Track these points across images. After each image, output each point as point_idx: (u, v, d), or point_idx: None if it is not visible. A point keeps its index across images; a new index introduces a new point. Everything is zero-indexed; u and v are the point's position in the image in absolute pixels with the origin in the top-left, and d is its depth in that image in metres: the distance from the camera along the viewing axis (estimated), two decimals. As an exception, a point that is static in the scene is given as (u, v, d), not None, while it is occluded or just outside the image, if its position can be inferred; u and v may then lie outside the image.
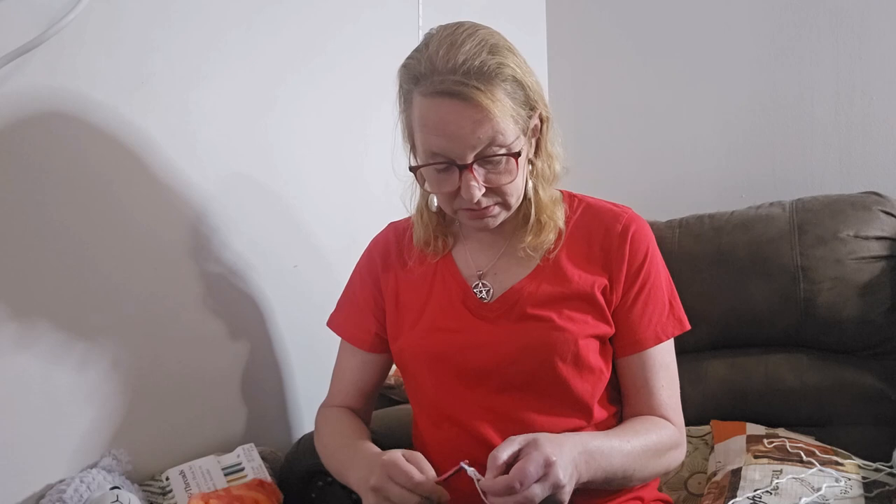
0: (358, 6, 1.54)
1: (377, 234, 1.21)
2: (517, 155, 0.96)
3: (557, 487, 0.84)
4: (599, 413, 1.05)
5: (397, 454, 0.91)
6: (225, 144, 1.30)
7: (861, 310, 1.31)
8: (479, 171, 0.96)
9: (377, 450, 1.00)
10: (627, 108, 1.94)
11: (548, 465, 0.84)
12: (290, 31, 1.41)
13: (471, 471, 0.87)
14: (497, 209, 1.01)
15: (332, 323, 1.21)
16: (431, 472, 0.90)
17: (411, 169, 1.02)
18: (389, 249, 1.16)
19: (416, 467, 0.90)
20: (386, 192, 1.55)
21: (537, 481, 0.83)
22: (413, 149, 1.03)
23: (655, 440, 1.01)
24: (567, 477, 0.86)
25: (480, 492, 0.84)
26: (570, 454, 0.89)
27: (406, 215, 1.18)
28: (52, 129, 1.06)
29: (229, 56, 1.30)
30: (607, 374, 1.06)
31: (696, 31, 1.83)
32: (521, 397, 1.01)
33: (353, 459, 1.01)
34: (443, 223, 1.12)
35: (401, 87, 1.00)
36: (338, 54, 1.50)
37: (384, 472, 0.89)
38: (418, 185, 1.07)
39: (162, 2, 1.19)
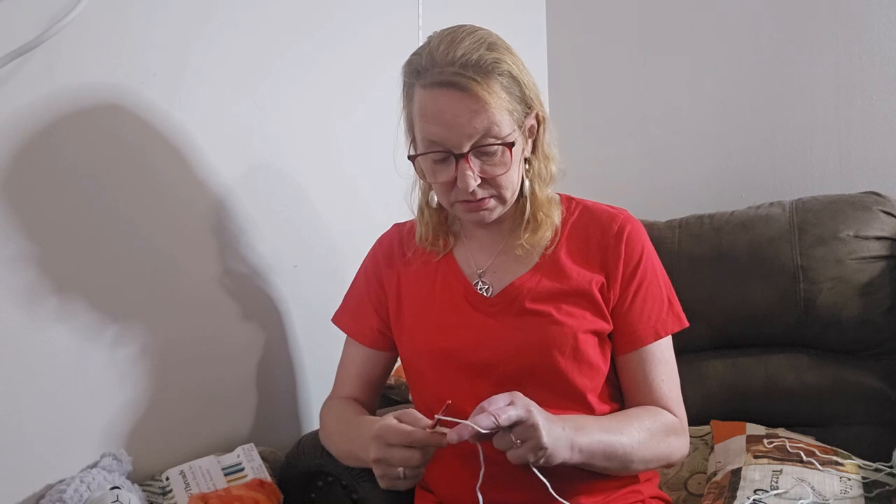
0: (358, 7, 1.54)
1: (382, 234, 1.23)
2: (511, 145, 0.99)
3: (528, 411, 0.87)
4: (600, 408, 1.06)
5: (388, 418, 0.92)
6: (225, 144, 1.30)
7: (861, 310, 1.31)
8: (474, 162, 0.99)
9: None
10: (627, 108, 1.94)
11: (516, 397, 0.89)
12: (293, 32, 1.41)
13: (440, 421, 0.87)
14: (492, 202, 1.03)
15: (337, 319, 1.23)
16: (426, 422, 0.90)
17: (410, 157, 1.05)
18: (393, 249, 1.19)
19: (410, 422, 0.90)
20: (385, 191, 1.55)
21: (511, 409, 0.86)
22: (413, 142, 1.06)
23: (651, 421, 1.03)
24: (543, 421, 0.87)
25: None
26: (556, 421, 0.91)
27: (409, 217, 1.19)
28: (52, 129, 1.06)
29: (229, 57, 1.29)
30: (605, 370, 1.08)
31: (695, 31, 1.82)
32: (521, 391, 1.02)
33: (360, 435, 1.01)
34: (444, 222, 1.15)
35: (403, 83, 1.03)
36: (337, 54, 1.50)
37: (380, 440, 0.90)
38: (419, 184, 1.11)
39: (162, 1, 1.19)
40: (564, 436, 0.91)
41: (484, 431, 0.84)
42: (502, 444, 0.87)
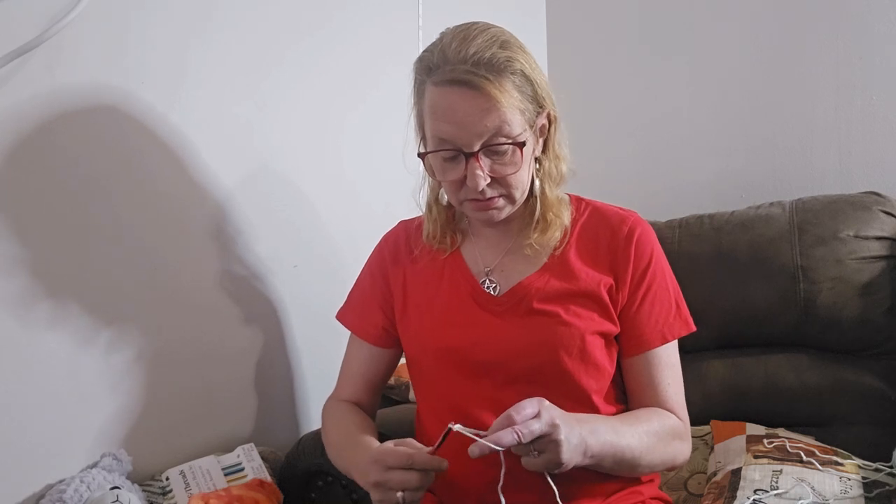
0: (358, 7, 1.54)
1: (388, 231, 1.22)
2: (522, 145, 0.98)
3: (552, 426, 0.86)
4: (605, 409, 1.06)
5: (387, 443, 0.93)
6: (225, 145, 1.30)
7: (861, 310, 1.31)
8: (484, 161, 0.98)
9: (378, 444, 1.01)
10: (627, 109, 1.94)
11: (543, 407, 0.88)
12: (293, 32, 1.41)
13: (457, 427, 0.86)
14: (502, 202, 1.03)
15: (341, 316, 1.22)
16: (423, 448, 0.91)
17: (419, 155, 1.05)
18: (399, 246, 1.18)
19: (409, 447, 0.91)
20: (386, 191, 1.55)
21: (535, 420, 0.86)
22: (423, 139, 1.05)
23: (659, 424, 1.03)
24: (566, 433, 0.87)
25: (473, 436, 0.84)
26: (574, 426, 0.90)
27: (410, 216, 1.19)
28: (52, 129, 1.06)
29: (229, 57, 1.29)
30: (611, 371, 1.07)
31: (695, 31, 1.82)
32: (526, 391, 1.01)
33: (356, 457, 1.01)
34: (452, 220, 1.15)
35: (415, 79, 1.03)
36: (337, 54, 1.50)
37: (379, 463, 0.91)
38: (428, 181, 1.11)
39: (161, 2, 1.19)
40: (581, 443, 0.90)
41: (502, 450, 0.83)
42: (519, 450, 0.87)
